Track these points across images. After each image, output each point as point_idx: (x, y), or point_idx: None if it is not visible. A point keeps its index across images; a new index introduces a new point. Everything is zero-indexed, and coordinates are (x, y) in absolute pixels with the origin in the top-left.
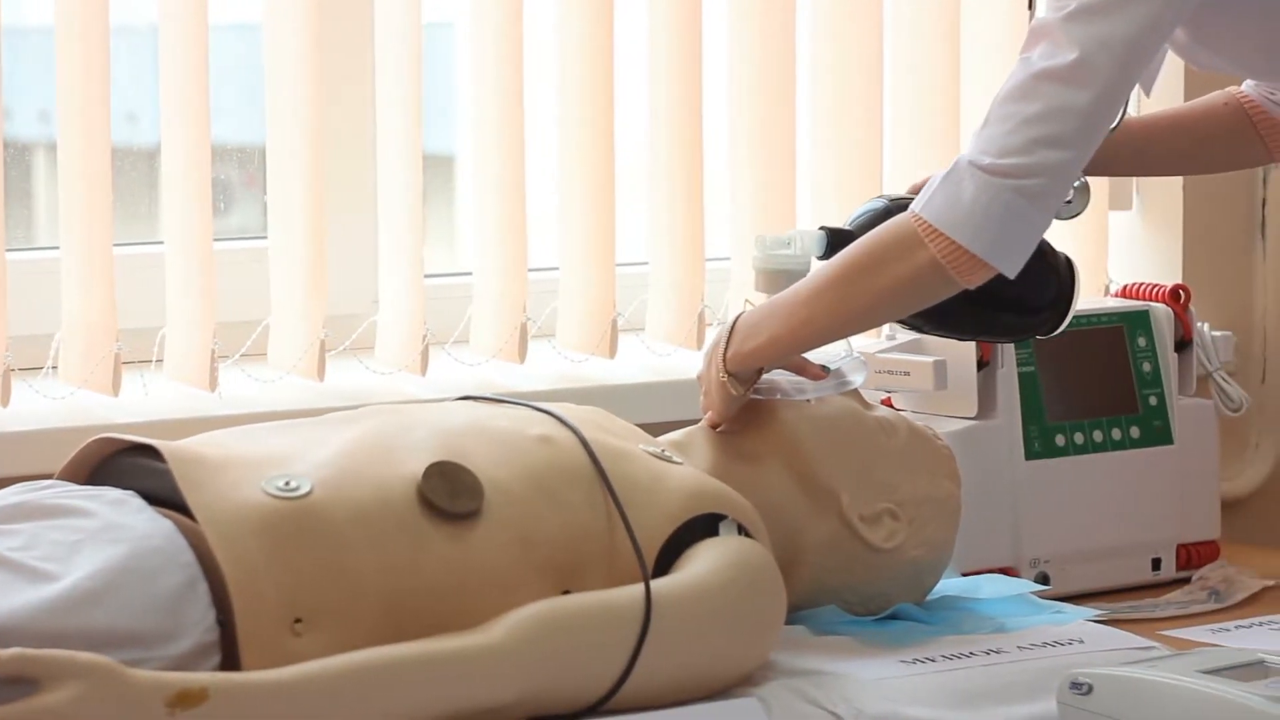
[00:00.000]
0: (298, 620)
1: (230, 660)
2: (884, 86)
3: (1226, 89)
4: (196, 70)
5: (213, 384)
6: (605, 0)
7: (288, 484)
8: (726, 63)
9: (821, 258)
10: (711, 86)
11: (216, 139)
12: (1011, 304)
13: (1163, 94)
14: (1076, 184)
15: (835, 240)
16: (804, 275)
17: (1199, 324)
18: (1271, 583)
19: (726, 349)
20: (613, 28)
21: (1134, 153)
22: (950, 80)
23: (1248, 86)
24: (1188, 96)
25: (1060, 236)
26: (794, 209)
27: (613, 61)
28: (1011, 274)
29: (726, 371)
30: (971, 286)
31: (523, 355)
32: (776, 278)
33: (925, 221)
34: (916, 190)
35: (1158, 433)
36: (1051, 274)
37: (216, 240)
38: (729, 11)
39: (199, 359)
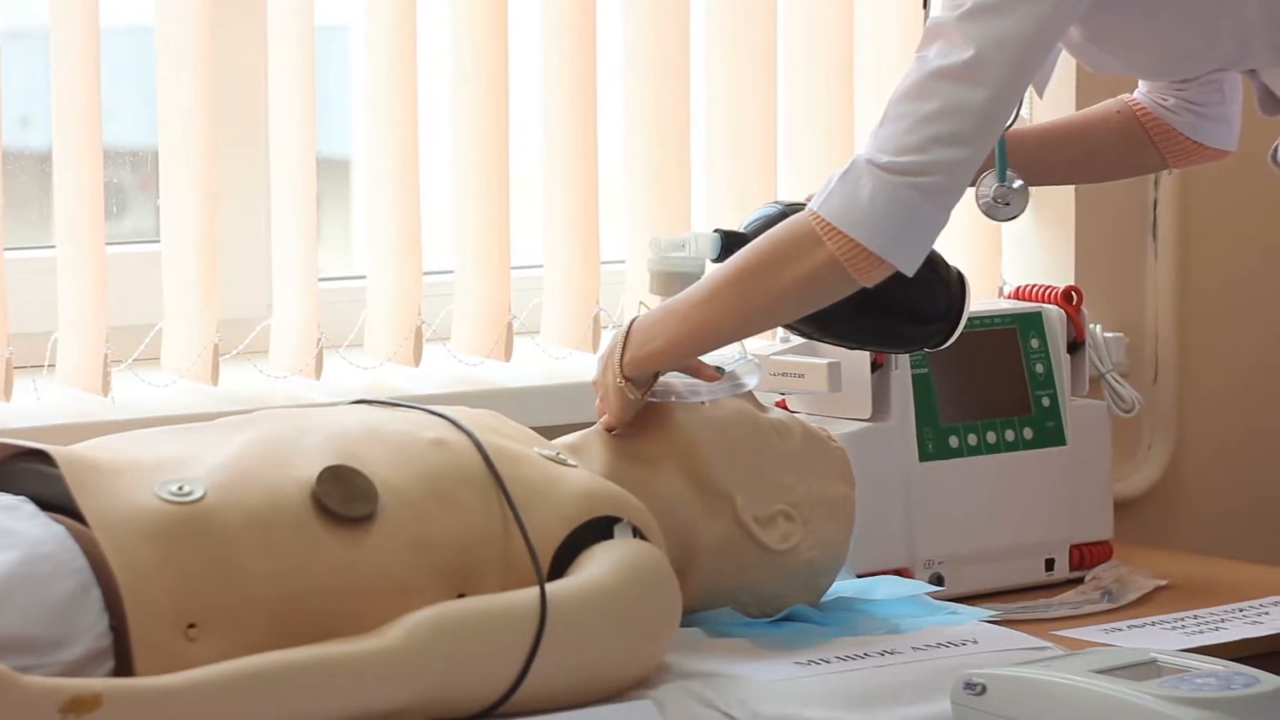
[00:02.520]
0: (191, 625)
1: (124, 666)
2: (778, 87)
3: (1119, 97)
4: (88, 73)
5: (105, 389)
6: (499, 2)
7: (181, 489)
8: (621, 66)
9: (716, 260)
10: (606, 89)
11: (109, 142)
12: (903, 314)
13: (1054, 97)
14: (1015, 185)
15: (730, 242)
16: (698, 277)
17: (1091, 325)
18: (1164, 582)
19: (623, 354)
20: (507, 30)
21: (1030, 162)
22: (844, 80)
23: (1140, 94)
24: (1079, 99)
25: (954, 237)
26: (689, 212)
27: (507, 65)
28: (909, 271)
29: (623, 377)
30: (869, 284)
31: (418, 358)
32: (671, 280)
33: (823, 219)
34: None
35: (1050, 434)
36: (943, 286)
37: (109, 244)
38: (623, 14)
39: (91, 363)
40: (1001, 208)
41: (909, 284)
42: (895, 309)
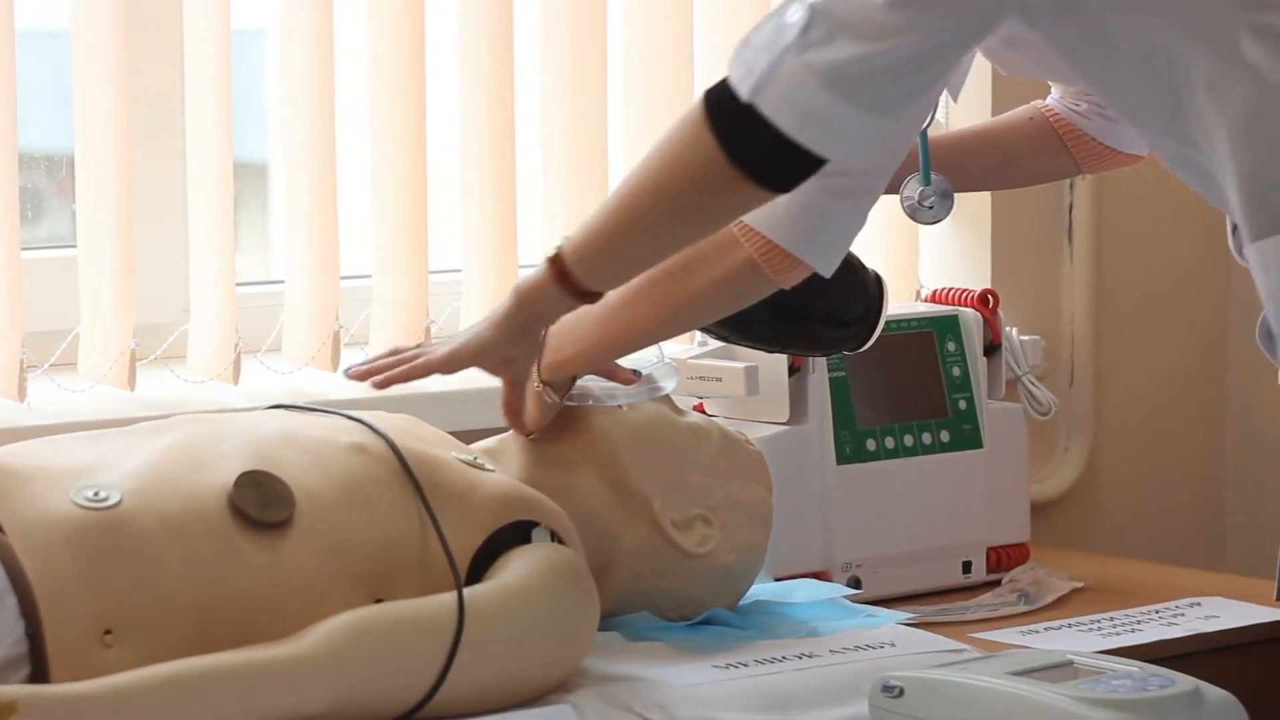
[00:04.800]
0: (107, 632)
1: (40, 673)
2: (694, 91)
3: (1032, 103)
4: (3, 77)
5: (21, 394)
6: (415, 7)
7: (97, 494)
8: (539, 70)
9: None
10: (524, 93)
11: (25, 147)
12: (821, 317)
13: (969, 102)
14: (940, 189)
15: None
16: None
17: (1008, 328)
18: (1080, 585)
19: (540, 358)
20: (423, 34)
21: (943, 169)
22: None
23: (1053, 100)
24: (994, 104)
25: (871, 240)
26: None
27: (424, 69)
28: (827, 273)
29: (541, 381)
30: (787, 286)
31: (336, 363)
32: None
33: (740, 221)
34: None
35: (967, 436)
36: (860, 288)
37: (25, 249)
38: (540, 17)
39: (7, 369)
40: (925, 211)
41: (827, 287)
42: (813, 312)
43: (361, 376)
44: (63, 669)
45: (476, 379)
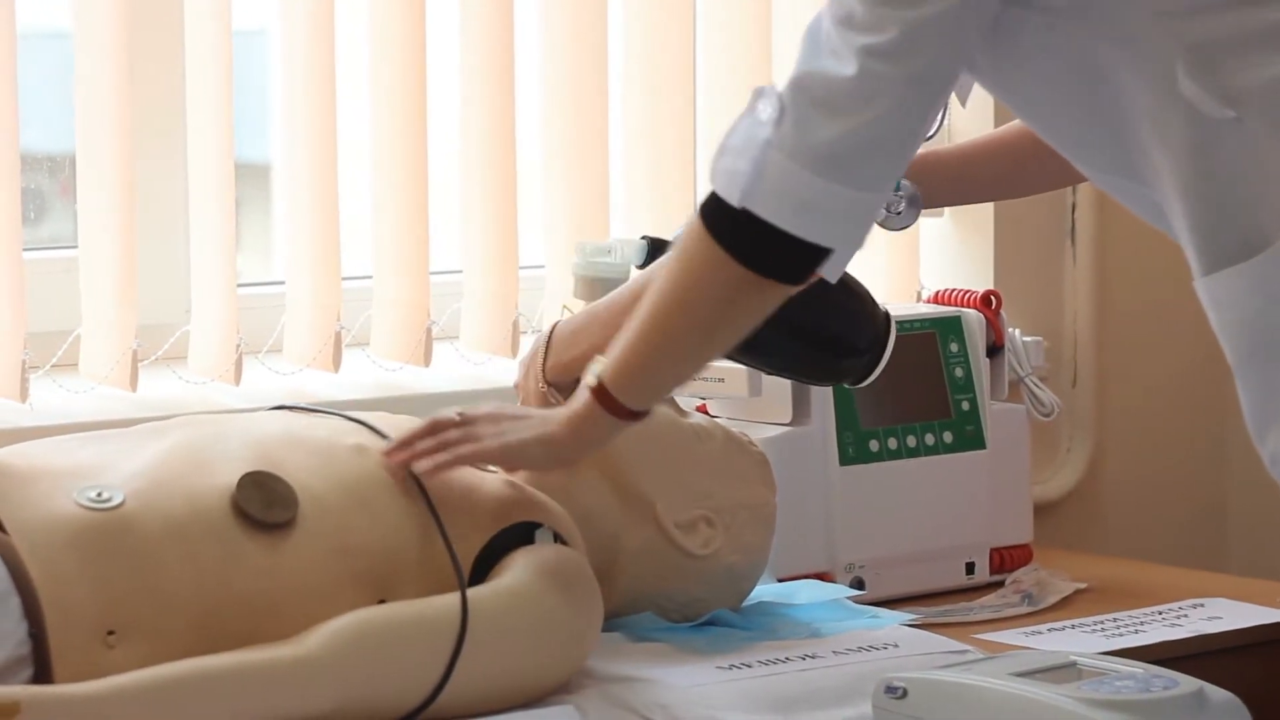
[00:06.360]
0: (110, 632)
1: (43, 673)
2: (696, 91)
3: None
4: (5, 78)
5: (24, 395)
6: (417, 7)
7: (100, 495)
8: (539, 71)
9: (640, 266)
10: (524, 93)
11: (27, 148)
12: (827, 344)
13: (973, 111)
14: (907, 195)
15: (656, 249)
16: (623, 283)
17: (1010, 329)
18: (1083, 585)
19: (545, 359)
20: (424, 34)
21: (953, 180)
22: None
23: None
24: (997, 111)
25: (873, 242)
26: (608, 217)
27: (425, 69)
28: (833, 279)
29: (546, 382)
30: (794, 291)
31: (337, 364)
32: (595, 285)
33: None
34: None
35: (970, 437)
36: (869, 320)
37: (27, 250)
38: (541, 18)
39: (9, 370)
40: (893, 217)
41: (839, 313)
42: (821, 337)
43: (403, 462)
44: (65, 670)
45: (478, 381)
